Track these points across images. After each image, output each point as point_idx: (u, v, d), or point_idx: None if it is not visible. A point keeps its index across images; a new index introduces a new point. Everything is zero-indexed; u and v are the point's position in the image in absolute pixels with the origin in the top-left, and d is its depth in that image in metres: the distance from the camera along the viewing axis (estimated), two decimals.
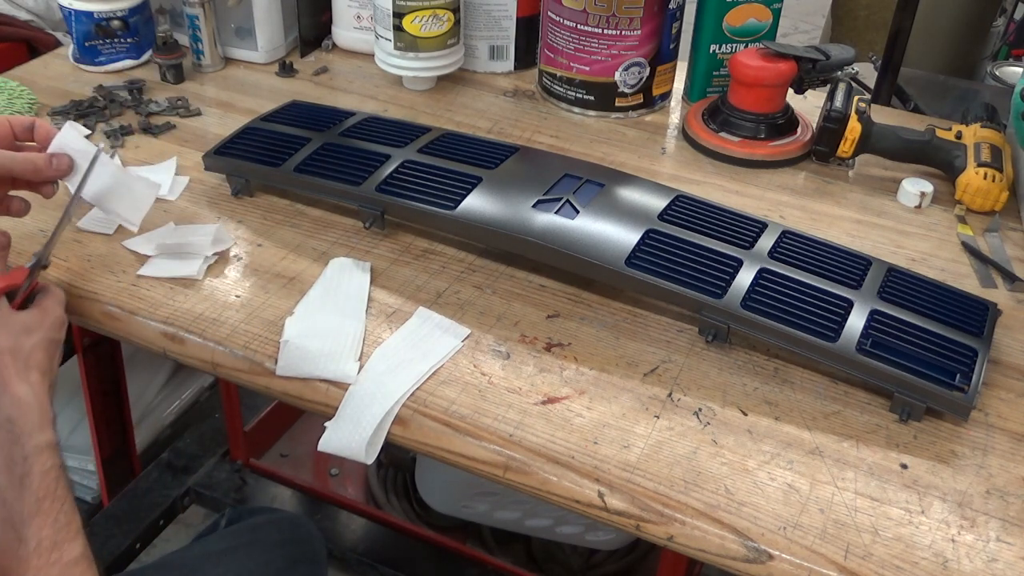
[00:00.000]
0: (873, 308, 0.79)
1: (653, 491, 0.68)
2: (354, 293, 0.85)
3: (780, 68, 1.09)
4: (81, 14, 1.20)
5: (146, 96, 1.19)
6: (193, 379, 1.86)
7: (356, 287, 0.86)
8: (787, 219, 1.00)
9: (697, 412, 0.75)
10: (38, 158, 0.80)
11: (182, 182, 1.01)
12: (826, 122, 1.07)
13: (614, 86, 1.18)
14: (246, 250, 0.92)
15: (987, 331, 0.79)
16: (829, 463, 0.71)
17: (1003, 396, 0.78)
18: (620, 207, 0.89)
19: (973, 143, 1.04)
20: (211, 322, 0.82)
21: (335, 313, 0.82)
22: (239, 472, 1.66)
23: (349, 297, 0.85)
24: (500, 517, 1.56)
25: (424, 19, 1.17)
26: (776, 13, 1.18)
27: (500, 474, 0.71)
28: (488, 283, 0.89)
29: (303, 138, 0.99)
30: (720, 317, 0.80)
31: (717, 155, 1.11)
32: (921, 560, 0.64)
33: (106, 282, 0.86)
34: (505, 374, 0.78)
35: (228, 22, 1.26)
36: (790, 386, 0.78)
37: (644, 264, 0.82)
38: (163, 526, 1.58)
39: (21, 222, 0.94)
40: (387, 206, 0.92)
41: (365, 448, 0.73)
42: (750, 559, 0.65)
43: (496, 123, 1.17)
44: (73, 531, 0.69)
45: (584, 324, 0.84)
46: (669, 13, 1.15)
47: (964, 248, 0.97)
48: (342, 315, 0.82)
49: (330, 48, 1.34)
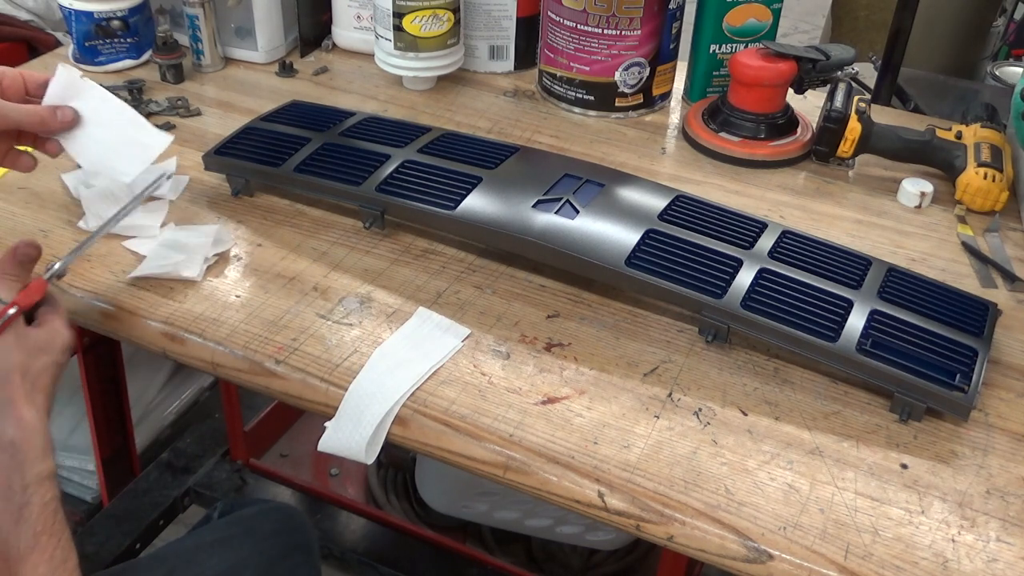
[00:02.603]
0: (873, 308, 0.79)
1: (653, 491, 0.68)
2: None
3: (780, 68, 1.09)
4: (81, 14, 1.20)
5: (146, 96, 1.19)
6: (193, 379, 1.85)
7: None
8: (787, 219, 1.00)
9: (697, 412, 0.75)
10: (43, 110, 0.80)
11: (182, 182, 1.01)
12: (826, 122, 1.07)
13: (614, 86, 1.18)
14: (246, 250, 0.92)
15: (987, 331, 0.79)
16: (829, 463, 0.71)
17: (1003, 396, 0.78)
18: (620, 207, 0.89)
19: (973, 143, 1.04)
20: (211, 322, 0.82)
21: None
22: (239, 472, 1.66)
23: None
24: (500, 517, 1.56)
25: (424, 19, 1.17)
26: (776, 13, 1.18)
27: (500, 474, 0.71)
28: (488, 283, 0.89)
29: (303, 138, 0.99)
30: (720, 317, 0.80)
31: (717, 155, 1.11)
32: (921, 560, 0.64)
33: (106, 282, 0.86)
34: (505, 374, 0.78)
35: (228, 22, 1.26)
36: (790, 386, 0.78)
37: (644, 264, 0.82)
38: (163, 526, 1.58)
39: (20, 222, 0.94)
40: (387, 206, 0.92)
41: (365, 448, 0.73)
42: (750, 559, 0.65)
43: (496, 123, 1.17)
44: (69, 570, 0.66)
45: (584, 324, 0.84)
46: (669, 13, 1.15)
47: (964, 248, 0.97)
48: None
49: (330, 48, 1.34)
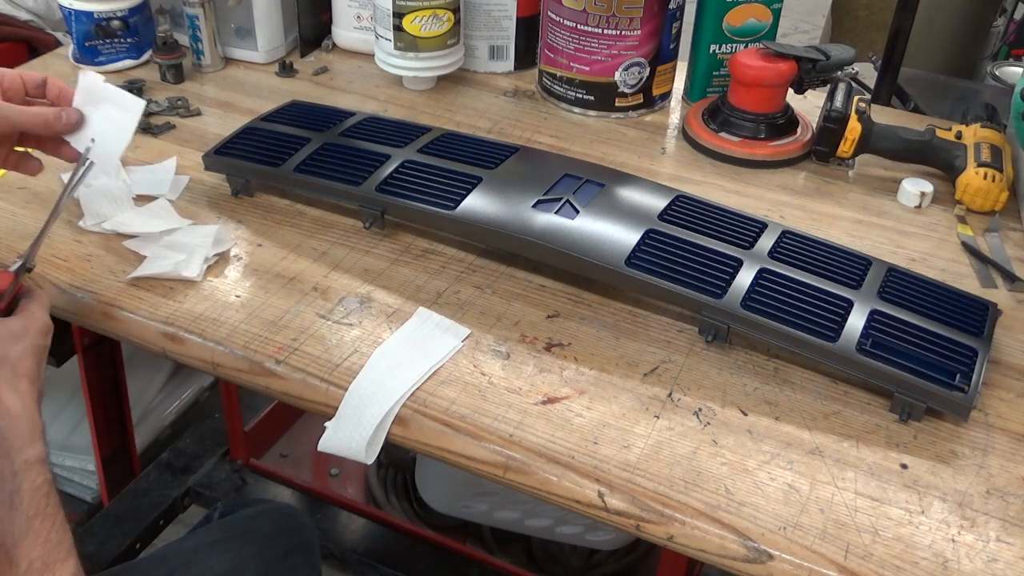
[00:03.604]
0: (873, 308, 0.79)
1: (653, 491, 0.68)
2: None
3: (780, 68, 1.09)
4: (81, 14, 1.20)
5: (146, 96, 1.19)
6: (193, 379, 1.85)
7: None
8: (787, 219, 1.00)
9: (697, 412, 0.75)
10: (47, 111, 0.80)
11: (182, 182, 1.01)
12: (826, 122, 1.07)
13: (614, 86, 1.18)
14: (246, 250, 0.92)
15: (987, 331, 0.79)
16: (829, 463, 0.71)
17: (1003, 396, 0.78)
18: (620, 207, 0.89)
19: (973, 143, 1.04)
20: (211, 322, 0.82)
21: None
22: (239, 472, 1.66)
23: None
24: (500, 517, 1.56)
25: (424, 19, 1.17)
26: (776, 13, 1.18)
27: (500, 474, 0.71)
28: (488, 283, 0.89)
29: (303, 138, 0.99)
30: (720, 317, 0.80)
31: (717, 155, 1.11)
32: (921, 560, 0.64)
33: (106, 282, 0.86)
34: (505, 374, 0.78)
35: (228, 22, 1.26)
36: (790, 386, 0.78)
37: (644, 264, 0.82)
38: (163, 526, 1.58)
39: (20, 222, 0.94)
40: (387, 206, 0.92)
41: (365, 448, 0.73)
42: (750, 559, 0.65)
43: (496, 123, 1.17)
44: (64, 550, 0.66)
45: (584, 324, 0.84)
46: (669, 13, 1.15)
47: (964, 248, 0.97)
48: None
49: (330, 48, 1.34)
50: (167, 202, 0.97)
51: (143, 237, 0.91)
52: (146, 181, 1.00)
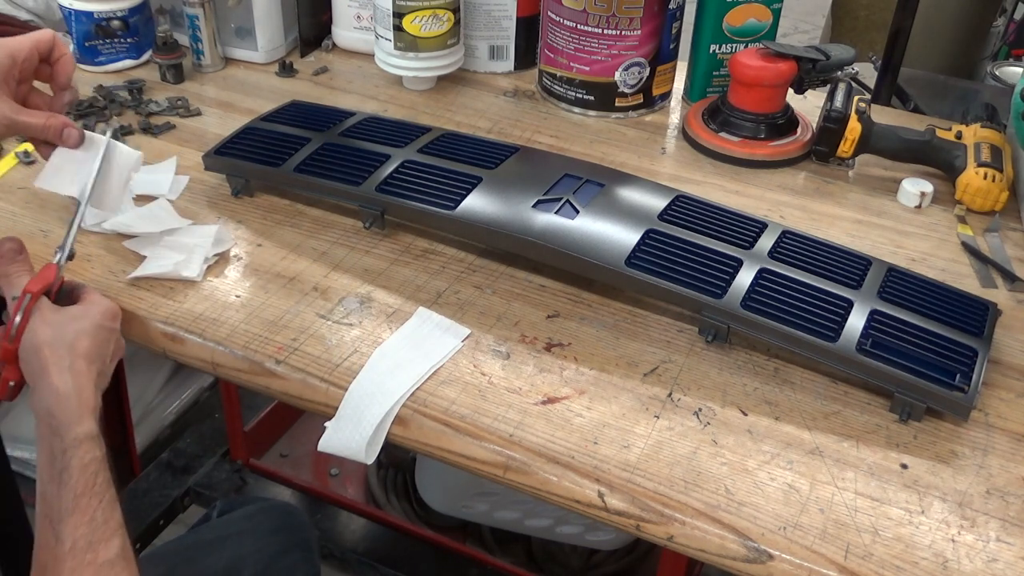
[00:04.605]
0: (873, 308, 0.79)
1: (653, 491, 0.68)
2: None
3: (780, 68, 1.09)
4: (81, 14, 1.20)
5: (146, 96, 1.19)
6: (193, 379, 1.86)
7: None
8: (787, 219, 1.00)
9: (697, 412, 0.75)
10: (54, 125, 0.81)
11: (182, 182, 1.01)
12: (826, 122, 1.07)
13: (614, 86, 1.18)
14: (246, 250, 0.92)
15: (987, 331, 0.79)
16: (829, 463, 0.71)
17: (1003, 396, 0.78)
18: (620, 207, 0.89)
19: (973, 143, 1.04)
20: (211, 322, 0.82)
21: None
22: (239, 472, 1.66)
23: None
24: (500, 517, 1.56)
25: (424, 19, 1.17)
26: (776, 13, 1.18)
27: (500, 474, 0.71)
28: (488, 283, 0.89)
29: (303, 138, 0.99)
30: (720, 317, 0.80)
31: (717, 155, 1.11)
32: (921, 560, 0.64)
33: (106, 282, 0.86)
34: (505, 374, 0.78)
35: (228, 22, 1.26)
36: (790, 386, 0.78)
37: (644, 264, 0.82)
38: (163, 526, 1.58)
39: (21, 222, 0.94)
40: (387, 206, 0.92)
41: (365, 448, 0.73)
42: (750, 559, 0.65)
43: (496, 123, 1.17)
44: (111, 529, 0.68)
45: (584, 324, 0.84)
46: (669, 13, 1.15)
47: (964, 248, 0.97)
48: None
49: (330, 48, 1.34)
50: (167, 202, 0.97)
51: (143, 237, 0.91)
52: (146, 181, 1.00)
